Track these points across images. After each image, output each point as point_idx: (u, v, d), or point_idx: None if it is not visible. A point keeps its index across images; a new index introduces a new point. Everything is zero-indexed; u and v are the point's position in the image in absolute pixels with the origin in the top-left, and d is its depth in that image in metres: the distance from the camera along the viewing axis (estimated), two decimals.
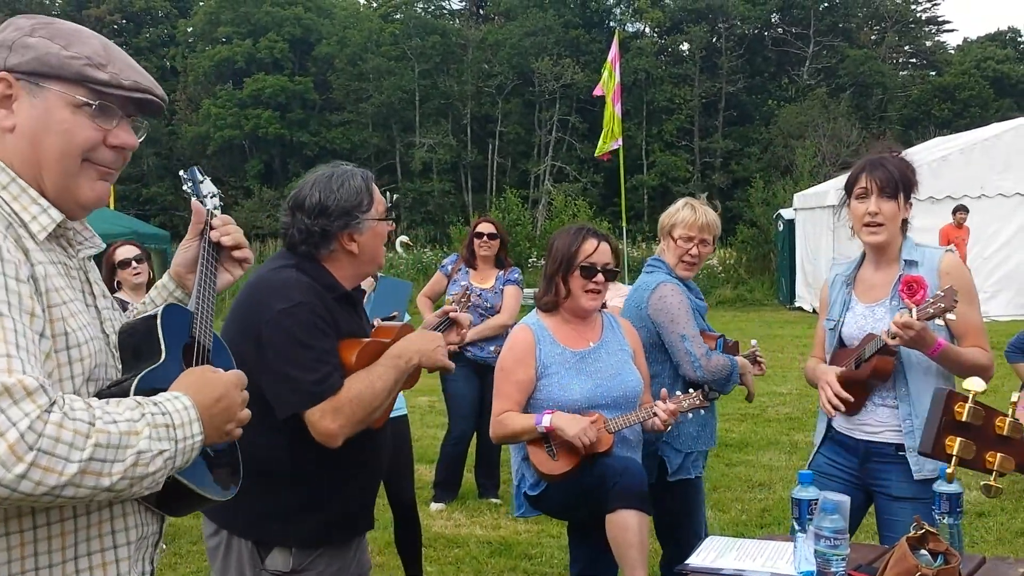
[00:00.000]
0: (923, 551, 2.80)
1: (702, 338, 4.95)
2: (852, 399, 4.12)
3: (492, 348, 7.86)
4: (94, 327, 2.13)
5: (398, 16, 60.49)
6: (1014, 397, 2.09)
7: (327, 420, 3.18)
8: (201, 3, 62.73)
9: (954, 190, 19.53)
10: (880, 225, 4.13)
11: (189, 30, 61.38)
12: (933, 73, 59.91)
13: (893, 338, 3.89)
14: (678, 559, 4.86)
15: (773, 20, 59.44)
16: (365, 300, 4.45)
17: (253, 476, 3.03)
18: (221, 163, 56.27)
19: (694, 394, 4.64)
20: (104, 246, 2.26)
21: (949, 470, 2.05)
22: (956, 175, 19.81)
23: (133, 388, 2.06)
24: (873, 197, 4.12)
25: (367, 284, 5.27)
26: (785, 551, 3.29)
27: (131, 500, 2.11)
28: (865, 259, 4.37)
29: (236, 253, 2.61)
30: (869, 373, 4.07)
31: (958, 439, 2.05)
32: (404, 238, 31.79)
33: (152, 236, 26.02)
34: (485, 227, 8.19)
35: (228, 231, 2.61)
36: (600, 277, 4.58)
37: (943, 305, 3.83)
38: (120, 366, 2.21)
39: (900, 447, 4.10)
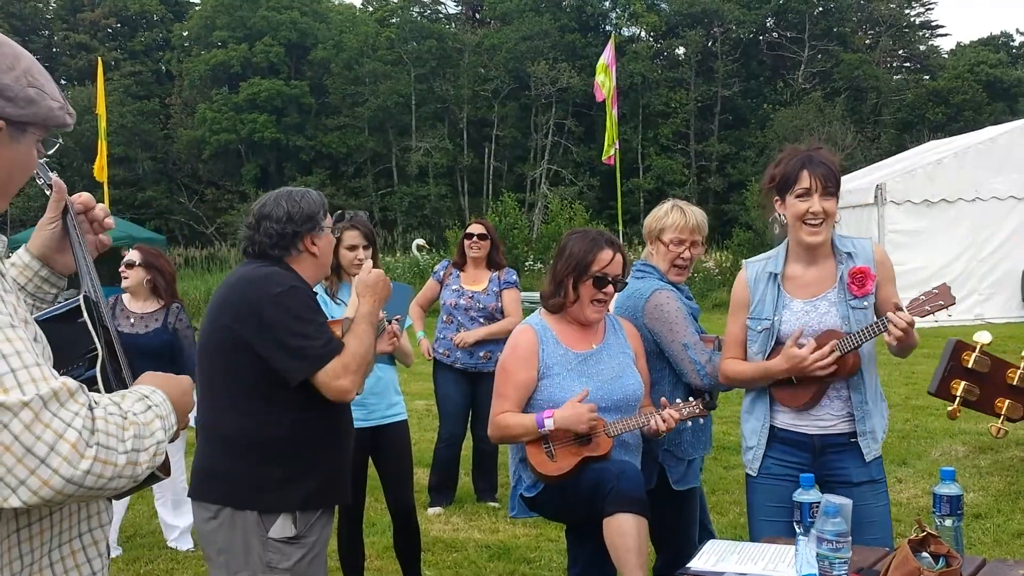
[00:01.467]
0: (925, 553, 2.81)
1: (702, 343, 4.93)
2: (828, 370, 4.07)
3: (481, 354, 7.89)
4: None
5: (394, 20, 60.48)
6: None
7: (340, 378, 3.60)
8: (197, 7, 62.70)
9: (948, 193, 19.56)
10: (820, 224, 4.10)
11: (184, 34, 61.29)
12: (927, 77, 59.94)
13: (897, 338, 3.89)
14: (673, 566, 4.86)
15: (768, 24, 59.50)
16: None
17: (252, 448, 3.62)
18: (217, 167, 56.25)
19: (694, 403, 4.62)
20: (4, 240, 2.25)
21: (952, 407, 2.18)
22: (950, 178, 19.84)
23: (100, 382, 2.17)
24: (816, 196, 4.06)
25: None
26: (787, 554, 3.29)
27: None
28: (790, 255, 4.30)
29: (107, 220, 2.64)
30: (846, 369, 4.07)
31: (963, 382, 2.19)
32: (420, 241, 31.85)
33: (147, 240, 26.06)
34: (475, 228, 8.20)
35: (95, 216, 2.62)
36: (610, 288, 4.58)
37: (941, 302, 3.86)
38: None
39: (852, 435, 4.12)
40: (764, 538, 3.85)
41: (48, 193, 2.55)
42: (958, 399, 2.21)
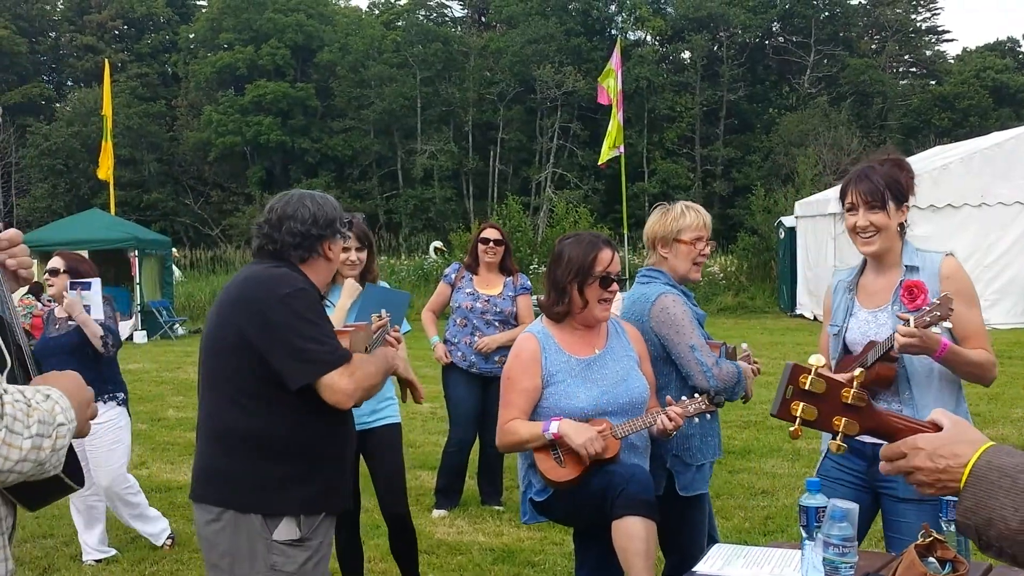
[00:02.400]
0: (931, 559, 2.81)
1: (708, 346, 4.93)
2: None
3: (496, 359, 7.86)
4: None
5: (400, 23, 60.57)
6: (856, 371, 2.35)
7: (344, 380, 3.56)
8: (203, 9, 62.84)
9: (955, 199, 19.55)
10: (872, 235, 4.17)
11: (191, 36, 61.40)
12: (933, 82, 59.97)
13: (902, 348, 3.90)
14: (680, 571, 4.86)
15: (774, 29, 59.53)
16: (350, 306, 5.10)
17: (255, 451, 3.60)
18: (222, 169, 56.36)
19: (700, 398, 4.62)
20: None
21: (793, 428, 2.33)
22: (957, 184, 19.82)
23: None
24: (861, 210, 4.16)
25: (350, 287, 5.31)
26: (792, 559, 3.29)
27: None
28: (866, 265, 4.38)
29: (20, 272, 2.60)
30: (872, 381, 4.08)
31: (801, 403, 2.30)
32: (437, 243, 31.80)
33: (153, 242, 26.05)
34: (491, 233, 8.15)
35: (15, 253, 2.59)
36: (615, 287, 4.60)
37: (939, 313, 3.88)
38: None
39: None
40: (772, 543, 3.84)
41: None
42: (798, 420, 2.31)
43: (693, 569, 3.39)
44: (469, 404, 8.07)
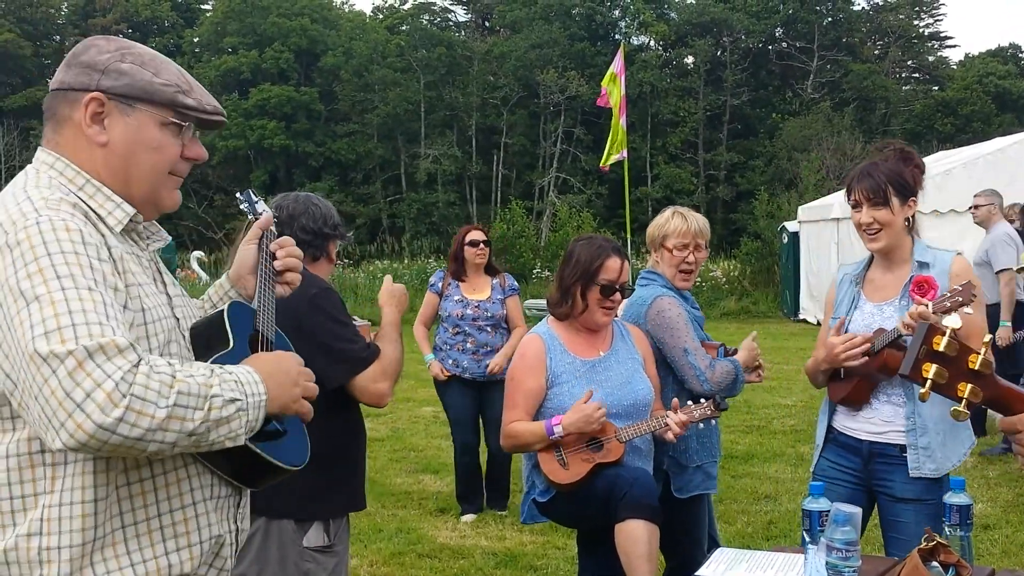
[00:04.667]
0: (935, 563, 2.81)
1: (703, 349, 4.94)
2: (866, 350, 4.10)
3: (488, 363, 7.87)
4: (165, 308, 2.39)
5: (404, 28, 60.52)
6: (986, 338, 2.33)
7: (379, 382, 3.63)
8: (207, 13, 62.84)
9: (958, 203, 19.49)
10: (876, 232, 4.18)
11: (195, 40, 61.42)
12: (936, 88, 59.87)
13: (908, 328, 3.91)
14: (681, 574, 4.87)
15: (777, 34, 59.46)
16: None
17: None
18: (226, 173, 56.32)
19: (705, 404, 4.63)
20: (170, 239, 2.57)
21: (923, 391, 2.26)
22: (960, 188, 19.76)
23: None
24: (864, 207, 4.18)
25: None
26: (796, 563, 3.29)
27: (207, 466, 2.36)
28: (874, 260, 4.39)
29: (286, 276, 2.83)
30: (878, 367, 4.08)
31: (934, 366, 2.28)
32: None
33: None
34: (478, 235, 8.11)
35: (283, 255, 2.82)
36: (618, 296, 4.60)
37: (960, 299, 3.87)
38: (192, 355, 2.44)
39: (904, 448, 4.12)
40: (775, 548, 3.84)
41: (251, 219, 2.85)
42: (929, 382, 2.28)
43: (696, 573, 3.39)
44: (467, 409, 8.09)
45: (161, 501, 2.28)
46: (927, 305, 3.90)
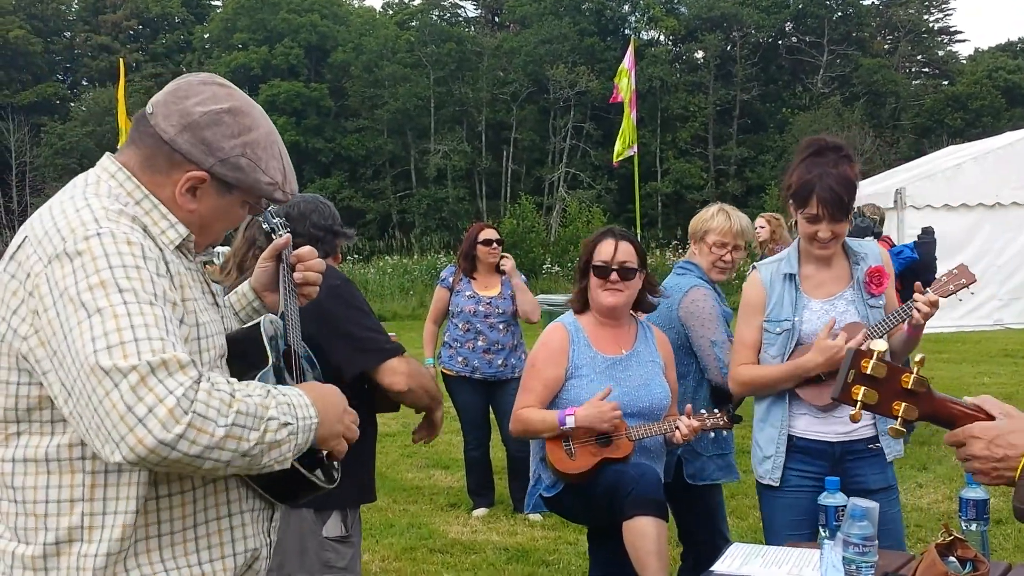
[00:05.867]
0: (952, 558, 2.80)
1: (730, 343, 4.95)
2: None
3: (499, 362, 7.85)
4: (218, 323, 2.44)
5: (414, 23, 60.61)
6: (918, 357, 2.43)
7: (403, 366, 3.62)
8: (218, 9, 62.95)
9: (968, 198, 19.46)
10: (832, 242, 4.15)
11: (206, 36, 61.59)
12: (945, 82, 59.79)
13: (925, 317, 3.95)
14: (698, 563, 4.87)
15: (787, 29, 59.39)
16: None
17: None
18: None
19: (718, 414, 4.63)
20: (218, 254, 2.53)
21: (853, 413, 2.40)
22: (970, 183, 19.73)
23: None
24: (825, 223, 4.07)
25: None
26: (811, 558, 3.27)
27: (244, 480, 2.37)
28: (803, 256, 4.29)
29: (304, 289, 2.85)
30: None
31: (863, 388, 2.36)
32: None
33: None
34: (491, 233, 8.06)
35: (303, 268, 2.84)
36: (615, 276, 4.56)
37: (964, 280, 3.91)
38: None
39: (870, 440, 4.13)
40: (789, 541, 3.82)
41: (273, 237, 2.87)
42: (859, 404, 2.34)
43: (711, 568, 3.38)
44: (477, 408, 8.06)
45: (199, 512, 2.30)
46: (926, 292, 3.93)
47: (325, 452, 2.44)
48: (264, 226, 2.88)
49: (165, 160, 2.32)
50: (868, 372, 2.35)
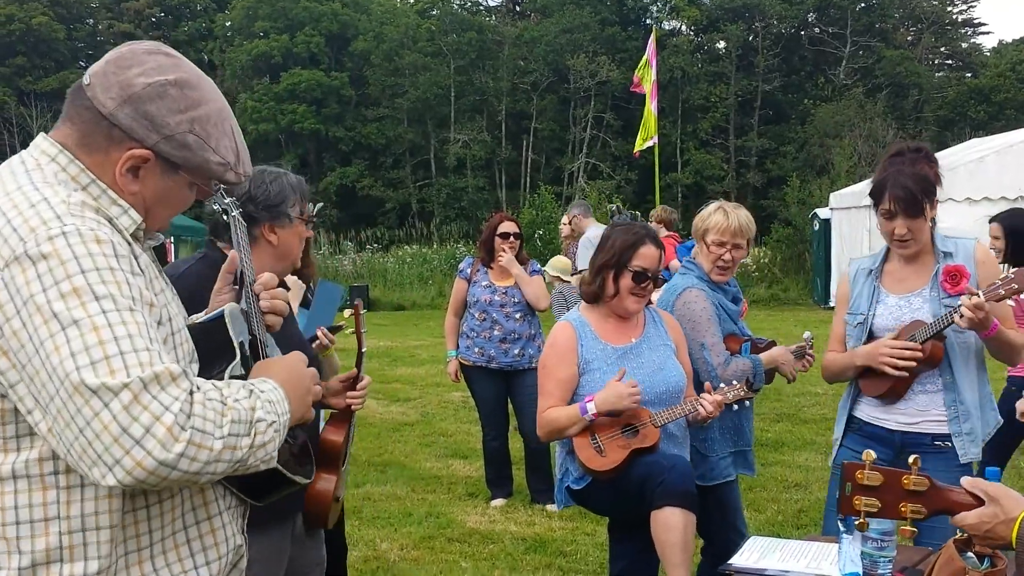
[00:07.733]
0: (970, 553, 2.79)
1: (723, 345, 4.94)
2: (921, 356, 4.09)
3: (516, 351, 7.86)
4: (184, 315, 2.30)
5: (434, 12, 60.54)
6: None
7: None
8: None
9: (991, 191, 19.36)
10: (910, 240, 4.17)
11: (227, 24, 61.64)
12: (969, 75, 59.42)
13: (968, 322, 3.91)
14: (715, 561, 4.86)
15: (810, 19, 59.09)
16: (300, 306, 4.74)
17: None
18: (256, 157, 54.42)
19: (738, 385, 4.63)
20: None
21: (859, 521, 2.49)
22: (992, 177, 19.64)
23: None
24: (900, 219, 4.13)
25: (294, 285, 4.83)
26: (830, 552, 3.28)
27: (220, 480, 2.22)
28: (890, 252, 4.38)
29: (268, 319, 2.59)
30: (926, 359, 4.08)
31: (863, 498, 2.46)
32: None
33: (188, 228, 26.27)
34: (510, 227, 8.10)
35: (269, 296, 2.60)
36: (650, 285, 4.59)
37: (1016, 286, 3.86)
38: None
39: (937, 437, 4.13)
40: (806, 536, 3.83)
41: (223, 219, 2.71)
42: (863, 513, 2.47)
43: (729, 561, 3.39)
44: (495, 397, 8.09)
45: (187, 513, 2.19)
46: (979, 294, 3.90)
47: (300, 440, 2.37)
48: (214, 206, 2.67)
49: (104, 137, 2.11)
50: (864, 483, 2.42)
